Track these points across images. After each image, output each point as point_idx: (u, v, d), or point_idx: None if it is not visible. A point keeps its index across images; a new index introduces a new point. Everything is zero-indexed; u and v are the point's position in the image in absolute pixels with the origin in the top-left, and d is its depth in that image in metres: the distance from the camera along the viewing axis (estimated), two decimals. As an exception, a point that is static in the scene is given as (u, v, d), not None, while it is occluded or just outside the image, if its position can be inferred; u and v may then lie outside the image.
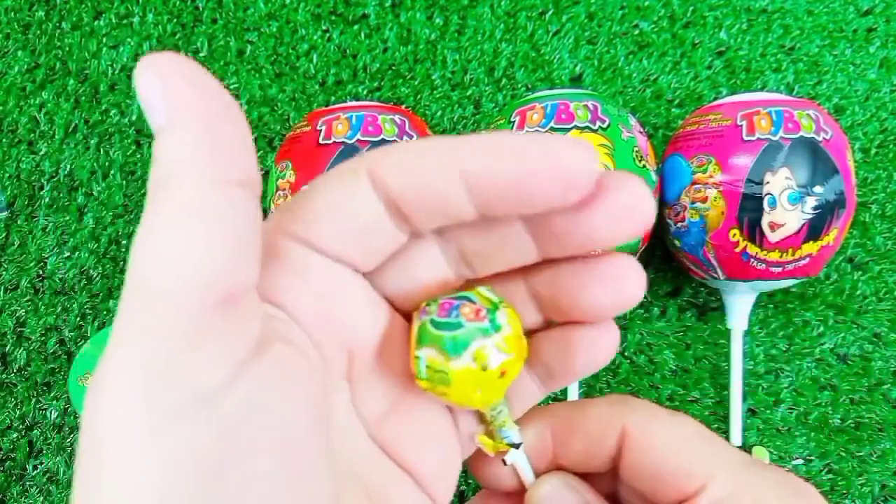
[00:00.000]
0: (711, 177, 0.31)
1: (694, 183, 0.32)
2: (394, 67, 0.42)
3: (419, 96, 0.41)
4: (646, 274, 0.17)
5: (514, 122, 0.32)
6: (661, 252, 0.38)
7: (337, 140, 0.31)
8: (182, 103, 0.12)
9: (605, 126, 0.31)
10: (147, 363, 0.12)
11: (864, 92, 0.40)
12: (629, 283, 0.17)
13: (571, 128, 0.31)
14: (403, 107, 0.39)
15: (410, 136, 0.32)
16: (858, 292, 0.38)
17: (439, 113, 0.41)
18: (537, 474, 0.20)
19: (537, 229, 0.16)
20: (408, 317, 0.19)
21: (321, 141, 0.31)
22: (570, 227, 0.15)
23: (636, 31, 0.41)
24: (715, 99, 0.36)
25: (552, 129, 0.31)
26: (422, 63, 0.41)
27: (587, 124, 0.31)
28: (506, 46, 0.41)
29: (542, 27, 0.42)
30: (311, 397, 0.14)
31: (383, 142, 0.31)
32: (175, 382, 0.12)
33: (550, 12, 0.42)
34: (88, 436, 0.12)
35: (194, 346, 0.12)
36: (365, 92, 0.41)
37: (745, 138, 0.31)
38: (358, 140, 0.31)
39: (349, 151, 0.31)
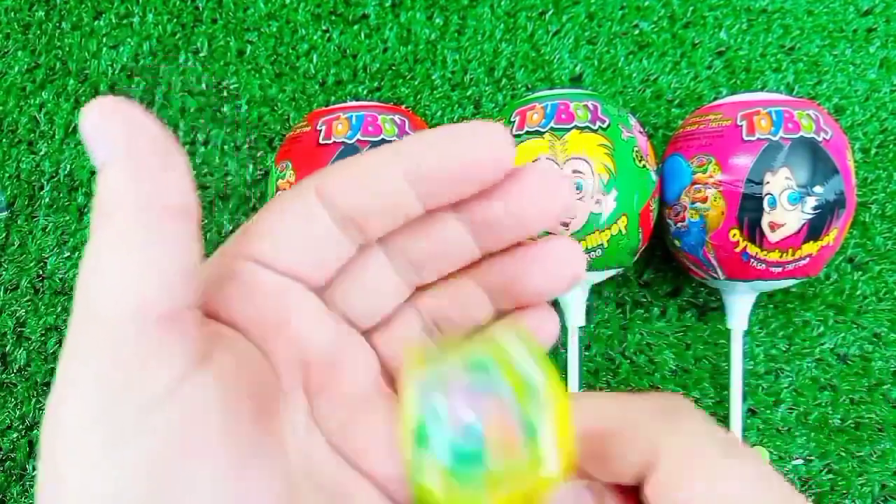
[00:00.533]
0: (711, 177, 0.31)
1: (694, 183, 0.32)
2: (394, 67, 0.42)
3: (419, 96, 0.41)
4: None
5: (514, 122, 0.32)
6: (661, 252, 0.38)
7: (337, 140, 0.31)
8: (118, 140, 0.13)
9: (605, 126, 0.31)
10: (99, 377, 0.13)
11: (864, 92, 0.40)
12: (571, 261, 0.18)
13: (571, 128, 0.31)
14: (403, 107, 0.39)
15: (410, 136, 0.32)
16: (858, 292, 0.38)
17: (439, 113, 0.41)
18: None
19: (475, 224, 0.18)
20: (364, 332, 0.19)
21: (321, 141, 0.31)
22: (502, 214, 0.17)
23: (636, 31, 0.41)
24: (715, 99, 0.36)
25: (552, 129, 0.31)
26: (422, 63, 0.41)
27: (587, 124, 0.31)
28: (506, 46, 0.41)
29: (542, 27, 0.42)
30: (256, 405, 0.15)
31: (383, 142, 0.31)
32: (124, 395, 0.13)
33: (550, 12, 0.42)
34: (48, 446, 0.13)
35: (137, 361, 0.13)
36: (365, 92, 0.41)
37: (745, 138, 0.31)
38: (358, 140, 0.31)
39: (349, 151, 0.31)
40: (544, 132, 0.31)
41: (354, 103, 0.33)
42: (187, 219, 0.14)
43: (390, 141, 0.31)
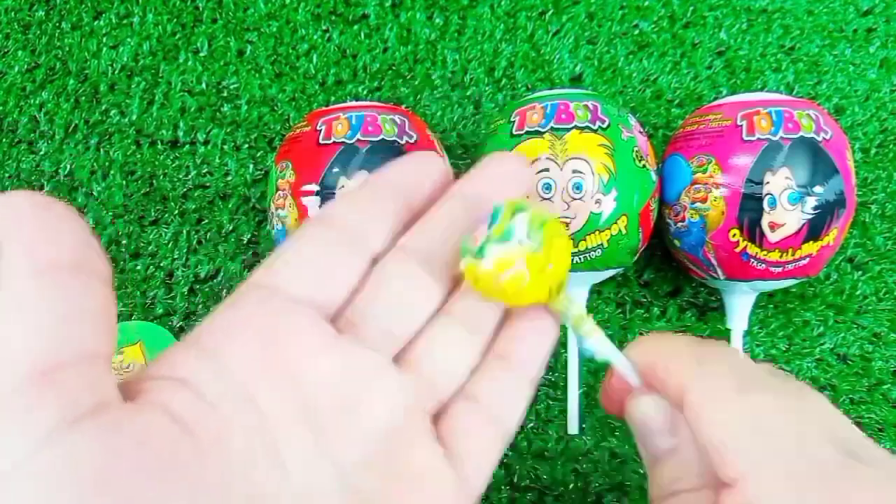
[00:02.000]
0: (711, 177, 0.31)
1: (694, 183, 0.32)
2: (394, 67, 0.42)
3: (419, 96, 0.41)
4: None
5: (513, 121, 0.32)
6: (661, 252, 0.38)
7: (337, 140, 0.31)
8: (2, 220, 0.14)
9: (605, 126, 0.31)
10: None
11: (864, 92, 0.40)
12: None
13: (571, 128, 0.31)
14: (403, 107, 0.39)
15: (410, 136, 0.32)
16: (858, 292, 0.38)
17: (439, 113, 0.41)
18: None
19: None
20: (401, 352, 0.21)
21: (321, 141, 0.31)
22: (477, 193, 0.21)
23: (636, 31, 0.41)
24: (715, 99, 0.36)
25: (552, 128, 0.31)
26: (422, 63, 0.41)
27: (587, 124, 0.31)
28: (506, 46, 0.41)
29: (542, 27, 0.42)
30: (176, 455, 0.15)
31: (383, 142, 0.31)
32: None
33: (550, 12, 0.42)
34: None
35: (8, 416, 0.13)
36: (365, 92, 0.41)
37: (745, 138, 0.31)
38: (358, 140, 0.31)
39: (349, 151, 0.31)
40: (544, 132, 0.31)
41: (354, 103, 0.33)
42: (84, 273, 0.14)
43: (390, 141, 0.31)
